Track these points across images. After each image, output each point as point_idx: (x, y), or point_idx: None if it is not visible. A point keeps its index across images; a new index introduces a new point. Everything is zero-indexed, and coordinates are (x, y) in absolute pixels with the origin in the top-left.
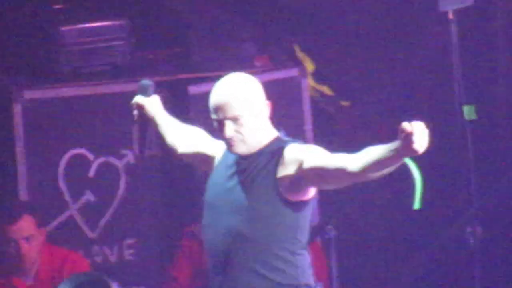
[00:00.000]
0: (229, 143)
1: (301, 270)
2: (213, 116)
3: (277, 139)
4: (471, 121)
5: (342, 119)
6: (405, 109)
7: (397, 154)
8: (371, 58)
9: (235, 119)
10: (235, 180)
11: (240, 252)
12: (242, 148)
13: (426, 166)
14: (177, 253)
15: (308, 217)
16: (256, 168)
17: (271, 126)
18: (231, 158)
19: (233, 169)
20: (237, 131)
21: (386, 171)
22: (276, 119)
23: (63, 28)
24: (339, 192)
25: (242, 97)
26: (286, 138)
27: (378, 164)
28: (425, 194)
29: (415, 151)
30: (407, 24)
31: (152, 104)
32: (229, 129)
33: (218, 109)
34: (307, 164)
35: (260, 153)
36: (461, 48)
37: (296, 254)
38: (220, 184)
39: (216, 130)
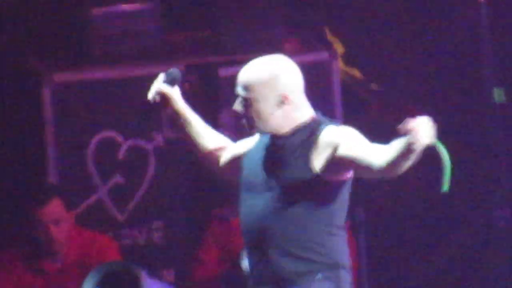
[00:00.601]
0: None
1: (337, 251)
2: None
3: (312, 120)
4: (501, 104)
5: (372, 102)
6: (435, 93)
7: (409, 149)
8: (401, 42)
9: (244, 99)
10: (269, 160)
11: (275, 231)
12: (249, 128)
13: (456, 149)
14: (205, 235)
15: (346, 198)
16: (290, 148)
17: (307, 107)
18: (264, 140)
19: (267, 150)
20: (243, 110)
21: (406, 164)
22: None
23: (94, 11)
24: None
25: (254, 81)
26: (322, 119)
27: (398, 159)
28: (454, 177)
29: (423, 145)
30: (437, 7)
31: (178, 97)
32: (237, 105)
33: (236, 84)
34: (340, 151)
35: (294, 133)
36: (491, 31)
37: (332, 235)
38: (254, 165)
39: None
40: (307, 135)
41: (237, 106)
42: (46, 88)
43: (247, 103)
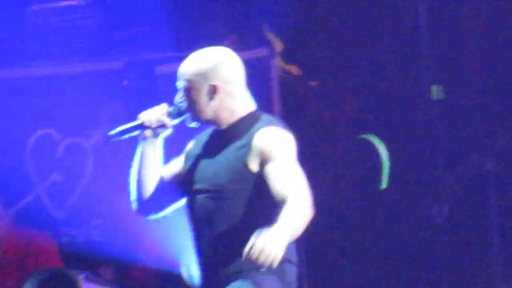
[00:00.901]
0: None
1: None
2: None
3: (251, 115)
4: (438, 101)
5: (310, 99)
6: (373, 89)
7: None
8: (340, 37)
9: (182, 89)
10: (209, 154)
11: (218, 227)
12: (190, 120)
13: (394, 146)
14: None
15: None
16: (229, 142)
17: (247, 100)
18: (203, 139)
19: (207, 144)
20: (181, 101)
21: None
22: None
23: (32, 8)
24: (307, 172)
25: (189, 71)
26: (262, 115)
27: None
28: (393, 174)
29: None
30: (377, 5)
31: (160, 145)
32: (178, 95)
33: (177, 75)
34: (266, 168)
35: (233, 126)
36: (429, 29)
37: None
38: (195, 160)
39: None
40: (244, 130)
41: (178, 97)
42: None
43: (184, 93)
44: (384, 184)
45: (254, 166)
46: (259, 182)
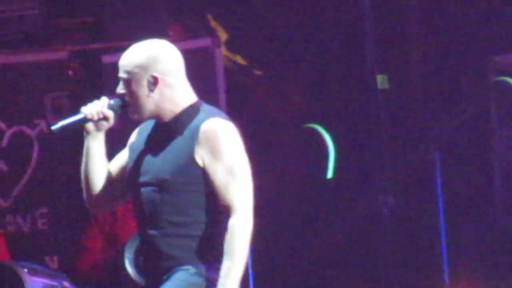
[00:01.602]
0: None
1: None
2: None
3: (194, 106)
4: (383, 91)
5: (255, 89)
6: (318, 80)
7: None
8: (283, 27)
9: (123, 81)
10: (153, 148)
11: (161, 218)
12: (130, 112)
13: (340, 136)
14: (89, 223)
15: None
16: (173, 135)
17: (189, 92)
18: (146, 130)
19: (151, 137)
20: (124, 93)
21: None
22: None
23: None
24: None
25: (129, 62)
26: (204, 106)
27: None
28: (339, 163)
29: None
30: None
31: (102, 138)
32: (119, 88)
33: (118, 67)
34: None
35: (176, 119)
36: (373, 18)
37: (216, 222)
38: (139, 153)
39: None
40: (188, 122)
41: (119, 89)
42: None
43: (125, 85)
44: (330, 174)
45: (199, 160)
46: (205, 175)
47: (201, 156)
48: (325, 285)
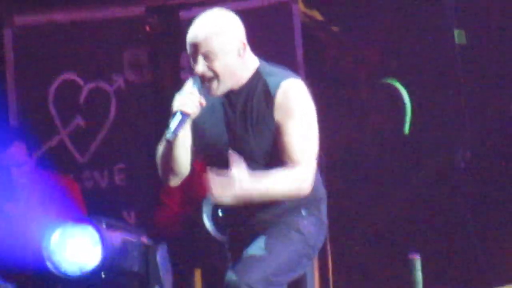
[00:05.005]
0: (204, 83)
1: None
2: (189, 53)
3: (259, 71)
4: (461, 46)
5: (332, 45)
6: (395, 33)
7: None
8: None
9: (206, 55)
10: (231, 117)
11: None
12: (217, 88)
13: (417, 90)
14: None
15: None
16: (249, 101)
17: (253, 55)
18: (217, 102)
19: (224, 108)
20: (209, 67)
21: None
22: (267, 46)
23: None
24: (329, 118)
25: (214, 33)
26: (268, 69)
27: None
28: (416, 118)
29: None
30: None
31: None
32: (201, 64)
33: (191, 45)
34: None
35: (248, 86)
36: None
37: None
38: (215, 125)
39: (192, 67)
40: (260, 88)
41: (201, 67)
42: (7, 31)
43: (210, 59)
44: (407, 130)
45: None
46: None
47: (277, 116)
48: (401, 240)
